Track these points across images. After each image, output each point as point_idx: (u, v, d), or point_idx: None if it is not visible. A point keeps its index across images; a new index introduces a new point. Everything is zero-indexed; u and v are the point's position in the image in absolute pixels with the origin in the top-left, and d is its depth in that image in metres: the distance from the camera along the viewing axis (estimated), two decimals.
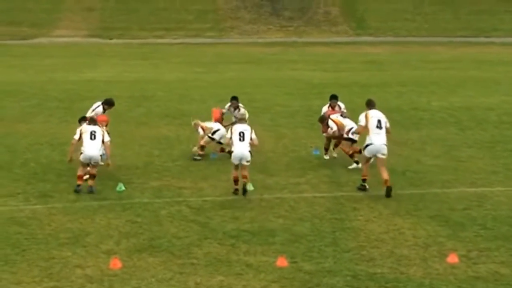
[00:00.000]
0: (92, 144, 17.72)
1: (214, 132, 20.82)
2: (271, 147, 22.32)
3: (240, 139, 17.60)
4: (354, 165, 19.88)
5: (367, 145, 17.82)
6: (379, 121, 17.83)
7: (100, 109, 20.28)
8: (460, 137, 24.14)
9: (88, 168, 17.95)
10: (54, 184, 18.31)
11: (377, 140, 17.69)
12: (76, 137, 17.97)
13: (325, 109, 21.24)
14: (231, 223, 15.53)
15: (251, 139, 17.73)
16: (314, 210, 16.39)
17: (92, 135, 17.79)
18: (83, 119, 19.46)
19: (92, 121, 18.44)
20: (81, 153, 17.77)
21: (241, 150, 17.53)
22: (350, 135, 19.99)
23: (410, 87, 35.55)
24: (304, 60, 49.78)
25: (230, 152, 17.98)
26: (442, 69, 44.29)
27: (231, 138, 17.80)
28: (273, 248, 14.16)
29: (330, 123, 20.36)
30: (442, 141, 23.50)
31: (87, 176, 17.91)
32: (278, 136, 23.81)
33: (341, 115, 20.60)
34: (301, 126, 24.04)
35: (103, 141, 17.91)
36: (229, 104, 22.16)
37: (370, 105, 18.31)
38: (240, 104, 22.00)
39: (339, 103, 21.31)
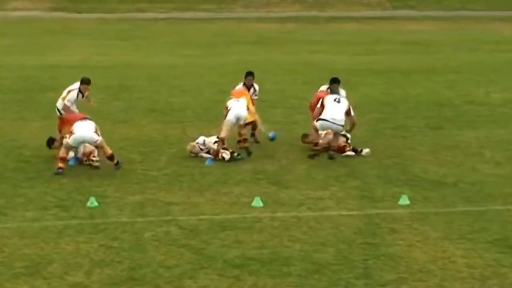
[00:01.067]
0: (85, 124, 20.08)
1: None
2: (285, 152, 22.31)
3: (236, 102, 21.52)
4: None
5: (319, 119, 21.12)
6: (337, 97, 21.22)
7: (74, 94, 21.66)
8: None
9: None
10: (8, 198, 18.33)
11: (330, 114, 20.93)
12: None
13: (323, 88, 22.74)
14: (234, 249, 15.52)
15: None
16: (341, 233, 16.39)
17: (85, 119, 20.35)
18: None
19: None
20: (64, 137, 20.05)
21: (237, 109, 21.25)
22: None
23: (464, 75, 35.56)
24: (327, 40, 49.82)
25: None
26: (505, 51, 44.27)
27: (226, 107, 21.49)
28: (287, 280, 14.16)
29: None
30: (505, 143, 23.48)
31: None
32: (294, 137, 23.78)
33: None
34: None
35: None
36: (242, 83, 22.57)
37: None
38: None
39: (340, 90, 22.27)
